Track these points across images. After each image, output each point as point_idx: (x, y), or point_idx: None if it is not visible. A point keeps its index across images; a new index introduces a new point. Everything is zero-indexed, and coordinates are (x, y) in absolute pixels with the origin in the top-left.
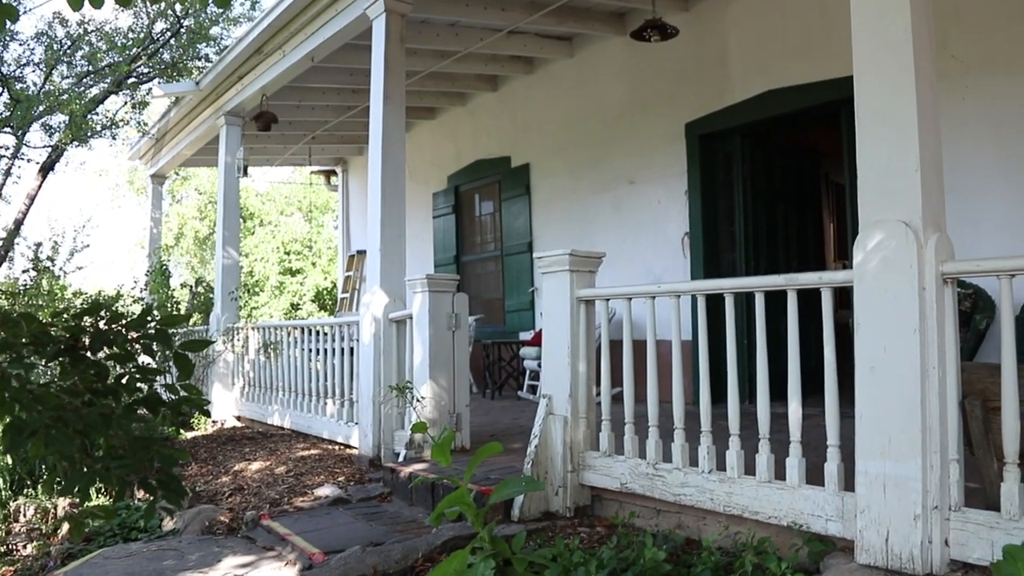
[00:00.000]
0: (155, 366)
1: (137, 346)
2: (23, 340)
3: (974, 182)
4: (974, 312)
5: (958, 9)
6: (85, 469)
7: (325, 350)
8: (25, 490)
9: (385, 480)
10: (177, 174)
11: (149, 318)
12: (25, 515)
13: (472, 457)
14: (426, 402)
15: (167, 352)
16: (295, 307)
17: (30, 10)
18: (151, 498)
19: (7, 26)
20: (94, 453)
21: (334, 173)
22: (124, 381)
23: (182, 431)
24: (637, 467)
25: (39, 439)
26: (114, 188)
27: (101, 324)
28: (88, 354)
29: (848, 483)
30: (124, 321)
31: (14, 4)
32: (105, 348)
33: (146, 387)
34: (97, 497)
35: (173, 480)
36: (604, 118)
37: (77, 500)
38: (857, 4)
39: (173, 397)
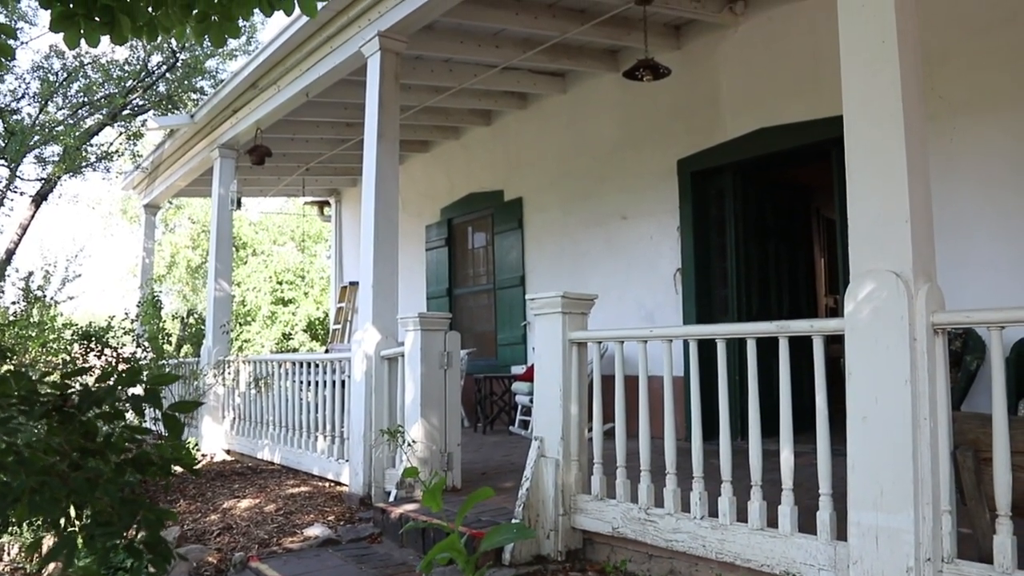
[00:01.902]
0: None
1: (126, 405)
2: (12, 400)
3: (962, 222)
4: (964, 353)
5: (945, 51)
6: (73, 528)
7: (316, 382)
8: (10, 528)
9: (376, 520)
10: (170, 203)
11: (140, 377)
12: (9, 554)
13: (464, 501)
14: (417, 445)
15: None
16: (287, 337)
17: (25, 43)
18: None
19: (2, 61)
20: (81, 518)
21: (327, 204)
22: (112, 440)
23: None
24: (629, 512)
25: (23, 504)
26: (107, 216)
27: (90, 383)
28: (77, 412)
29: (840, 531)
30: (113, 380)
31: (10, 44)
32: (94, 407)
33: (135, 447)
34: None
35: (160, 543)
36: (597, 154)
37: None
38: (847, 55)
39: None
